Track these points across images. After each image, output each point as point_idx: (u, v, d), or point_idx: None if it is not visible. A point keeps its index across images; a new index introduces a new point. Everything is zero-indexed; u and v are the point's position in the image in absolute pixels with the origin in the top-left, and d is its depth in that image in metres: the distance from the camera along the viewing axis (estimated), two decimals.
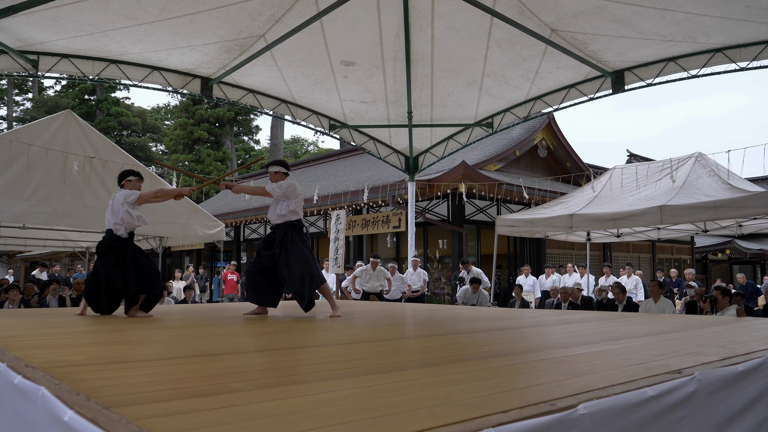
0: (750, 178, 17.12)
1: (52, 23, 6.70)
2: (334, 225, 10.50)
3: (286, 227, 4.63)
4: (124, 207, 4.55)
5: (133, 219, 4.57)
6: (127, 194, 4.58)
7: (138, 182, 4.76)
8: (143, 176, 4.95)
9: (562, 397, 1.45)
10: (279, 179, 4.74)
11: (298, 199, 4.72)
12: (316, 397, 1.50)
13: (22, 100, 40.80)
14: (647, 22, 6.78)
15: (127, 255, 4.52)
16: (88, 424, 1.17)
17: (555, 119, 17.29)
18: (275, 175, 4.78)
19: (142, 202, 4.63)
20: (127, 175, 4.76)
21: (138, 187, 4.74)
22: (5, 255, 23.85)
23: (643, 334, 3.20)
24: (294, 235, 4.61)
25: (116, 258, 4.51)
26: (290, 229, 4.63)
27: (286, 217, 4.63)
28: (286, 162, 4.99)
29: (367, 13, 7.37)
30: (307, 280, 4.50)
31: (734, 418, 1.95)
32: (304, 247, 4.60)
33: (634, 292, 10.73)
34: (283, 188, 4.63)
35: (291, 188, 4.64)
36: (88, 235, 10.85)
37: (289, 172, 4.88)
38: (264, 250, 4.73)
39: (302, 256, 4.54)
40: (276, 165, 4.86)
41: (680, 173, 8.73)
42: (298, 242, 4.59)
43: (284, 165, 4.90)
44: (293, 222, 4.66)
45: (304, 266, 4.51)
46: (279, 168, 4.82)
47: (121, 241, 4.56)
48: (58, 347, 2.51)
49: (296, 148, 47.46)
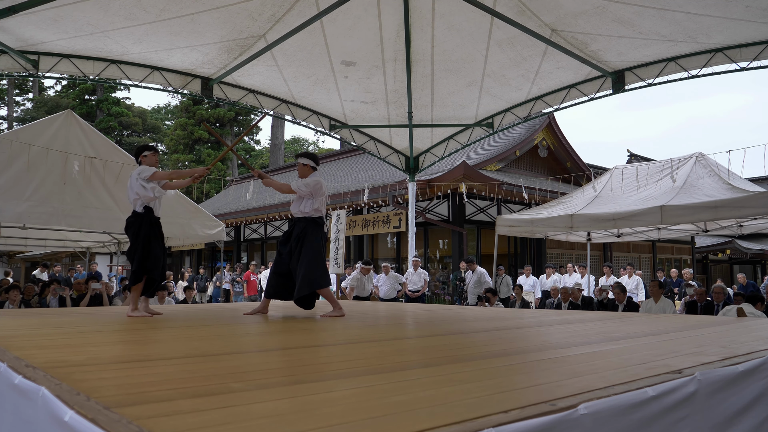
0: (750, 178, 17.11)
1: (53, 23, 6.70)
2: (335, 225, 10.50)
3: (305, 222, 4.61)
4: (138, 182, 4.57)
5: (147, 191, 4.57)
6: (141, 170, 4.58)
7: (153, 156, 4.77)
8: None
9: (562, 397, 1.45)
10: (307, 173, 4.71)
11: (323, 198, 4.67)
12: (317, 397, 1.50)
13: (23, 100, 40.82)
14: (647, 22, 6.78)
15: (141, 231, 4.56)
16: (89, 424, 1.17)
17: (555, 119, 17.29)
18: (303, 168, 4.74)
19: (156, 179, 4.59)
20: (142, 151, 4.77)
21: (154, 161, 4.76)
22: (5, 255, 23.85)
23: (644, 334, 3.20)
24: (311, 231, 4.58)
25: (132, 232, 4.58)
26: (310, 224, 4.60)
27: (308, 214, 4.61)
28: (316, 156, 4.88)
29: (368, 13, 7.36)
30: (316, 277, 4.48)
31: (735, 418, 1.95)
32: (318, 244, 4.56)
33: (635, 292, 10.74)
34: (309, 187, 4.59)
35: (317, 187, 4.60)
36: (89, 235, 10.85)
37: (318, 166, 4.81)
38: (282, 246, 4.70)
39: (314, 254, 4.51)
40: (305, 158, 4.79)
41: (681, 173, 8.73)
42: (314, 239, 4.56)
43: (314, 159, 4.81)
44: (315, 219, 4.63)
45: (313, 264, 4.48)
46: (308, 161, 4.76)
47: (137, 216, 4.61)
48: (59, 347, 2.51)
49: (297, 148, 47.44)
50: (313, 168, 4.76)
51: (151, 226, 4.63)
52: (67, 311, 5.78)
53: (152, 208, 4.69)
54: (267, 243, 19.90)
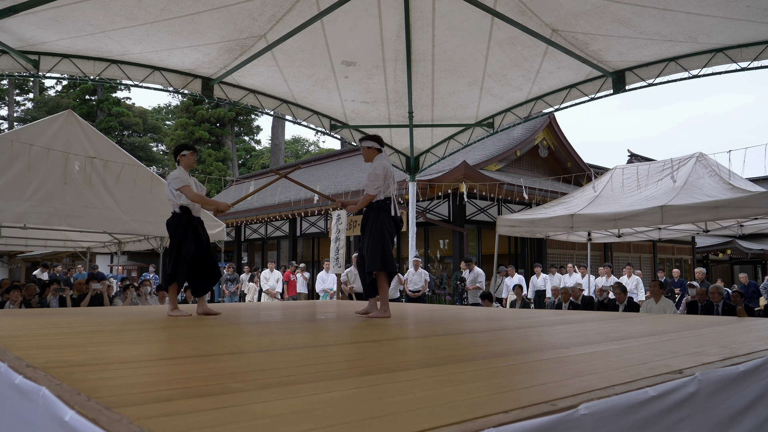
0: (751, 178, 17.10)
1: (53, 23, 6.71)
2: (335, 225, 10.50)
3: (372, 209, 4.52)
4: (169, 187, 4.61)
5: (175, 198, 4.60)
6: (175, 178, 4.59)
7: (192, 156, 4.78)
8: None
9: (563, 397, 1.45)
10: (372, 155, 4.59)
11: (389, 182, 4.53)
12: (317, 397, 1.49)
13: (23, 100, 40.85)
14: (648, 23, 6.77)
15: (177, 232, 4.57)
16: (89, 425, 1.17)
17: (556, 119, 17.29)
18: (368, 151, 4.61)
19: (183, 193, 4.57)
20: (180, 150, 4.76)
21: (192, 162, 4.78)
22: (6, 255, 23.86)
23: (644, 334, 3.20)
24: (375, 217, 4.47)
25: (170, 233, 4.62)
26: (376, 210, 4.49)
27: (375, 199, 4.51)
28: (379, 137, 4.70)
29: (368, 14, 7.36)
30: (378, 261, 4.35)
31: (735, 418, 1.95)
32: (382, 230, 4.41)
33: (635, 292, 10.73)
34: (374, 184, 4.44)
35: (378, 178, 4.44)
36: (89, 235, 10.86)
37: (383, 148, 4.66)
38: (360, 240, 4.64)
39: (377, 238, 4.39)
40: (368, 140, 4.62)
41: (681, 173, 8.72)
42: (378, 223, 4.43)
43: (378, 140, 4.65)
44: (378, 203, 4.50)
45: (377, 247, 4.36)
46: (372, 143, 4.60)
47: (175, 216, 4.63)
48: (59, 347, 2.51)
49: (297, 148, 47.47)
50: (378, 150, 4.59)
51: (186, 227, 4.62)
52: (67, 311, 5.78)
53: (189, 208, 4.68)
54: (267, 243, 19.90)
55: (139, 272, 20.03)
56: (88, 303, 7.86)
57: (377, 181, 4.45)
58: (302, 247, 18.78)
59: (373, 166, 4.53)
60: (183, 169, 4.70)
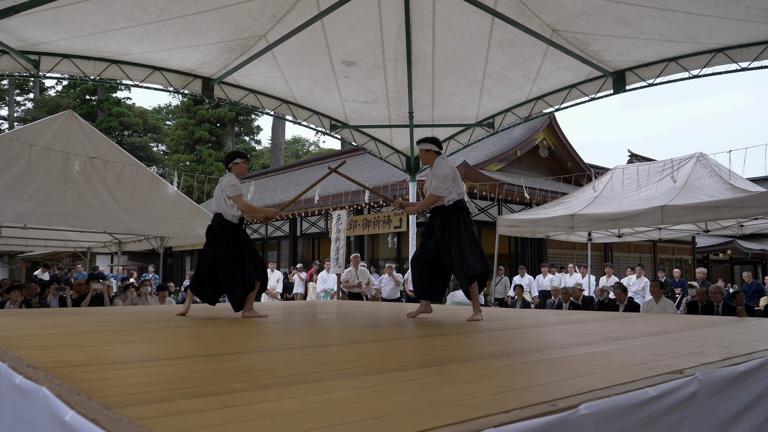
0: (751, 178, 17.10)
1: (54, 23, 6.71)
2: (335, 225, 10.50)
3: (446, 210, 4.31)
4: (223, 194, 4.49)
5: (229, 208, 4.49)
6: (229, 185, 4.48)
7: (244, 164, 4.67)
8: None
9: (563, 397, 1.45)
10: (431, 159, 4.46)
11: (457, 182, 4.38)
12: (318, 398, 1.50)
13: (24, 100, 40.88)
14: (648, 23, 6.77)
15: (240, 241, 4.46)
16: (90, 425, 1.17)
17: (556, 119, 17.30)
18: (426, 154, 4.47)
19: (235, 202, 4.47)
20: (233, 158, 4.65)
21: (244, 170, 4.68)
22: (6, 255, 23.87)
23: (645, 334, 3.20)
24: (454, 218, 4.28)
25: (227, 243, 4.44)
26: (452, 211, 4.31)
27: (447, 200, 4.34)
28: (437, 139, 4.54)
29: (368, 14, 7.36)
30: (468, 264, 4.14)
31: (736, 418, 1.95)
32: (466, 232, 4.24)
33: (641, 294, 10.64)
34: (444, 185, 4.29)
35: (448, 178, 4.31)
36: (90, 235, 10.86)
37: (441, 150, 4.50)
38: (425, 237, 4.43)
39: (471, 238, 4.21)
40: (427, 143, 4.47)
41: (681, 173, 8.73)
42: (459, 227, 4.24)
43: (436, 143, 4.48)
44: (455, 203, 4.33)
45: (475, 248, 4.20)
46: (430, 146, 4.45)
47: (233, 227, 4.50)
48: (60, 347, 2.51)
49: (297, 148, 47.47)
50: (437, 153, 4.45)
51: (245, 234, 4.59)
52: (67, 311, 5.78)
53: (243, 218, 4.64)
54: (268, 243, 19.90)
55: (140, 272, 20.03)
56: (88, 303, 7.86)
57: (446, 181, 4.31)
58: (302, 247, 18.78)
59: (438, 166, 4.39)
60: (235, 176, 4.60)
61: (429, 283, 4.45)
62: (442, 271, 4.43)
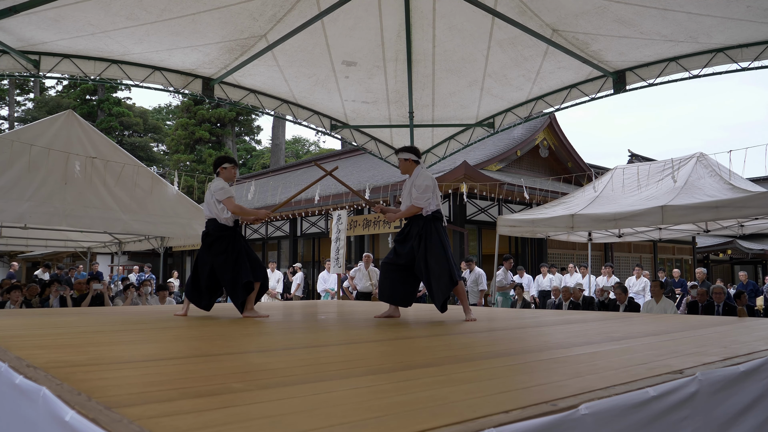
0: (751, 178, 17.10)
1: (54, 23, 6.71)
2: (336, 225, 10.50)
3: (425, 220, 4.38)
4: (213, 199, 4.52)
5: (221, 212, 4.51)
6: (218, 189, 4.51)
7: (233, 169, 4.70)
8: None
9: (563, 397, 1.45)
10: (410, 168, 4.51)
11: (436, 193, 4.46)
12: (318, 398, 1.50)
13: (24, 100, 40.87)
14: (648, 23, 6.77)
15: (237, 244, 4.49)
16: (90, 425, 1.17)
17: (556, 119, 17.29)
18: (405, 163, 4.52)
19: (225, 205, 4.50)
20: (221, 162, 4.69)
21: (233, 175, 4.70)
22: (7, 255, 23.87)
23: (645, 334, 3.20)
24: (433, 228, 4.36)
25: (225, 247, 4.46)
26: (430, 221, 4.38)
27: (426, 210, 4.40)
28: (417, 149, 4.63)
29: (369, 14, 7.36)
30: (444, 280, 4.28)
31: (736, 418, 1.95)
32: (443, 242, 4.35)
33: (642, 294, 10.64)
34: (424, 196, 4.36)
35: (429, 189, 4.37)
36: (90, 235, 10.86)
37: (420, 159, 4.57)
38: (399, 244, 4.49)
39: (441, 253, 4.30)
40: (406, 152, 4.53)
41: (682, 173, 8.72)
42: (438, 236, 4.34)
43: (415, 152, 4.55)
44: (433, 213, 4.41)
45: (442, 264, 4.28)
46: (409, 155, 4.51)
47: (228, 230, 4.53)
48: (60, 347, 2.51)
49: (298, 148, 47.47)
50: (416, 162, 4.51)
51: (241, 236, 4.61)
52: (68, 311, 5.79)
53: (237, 220, 4.66)
54: (268, 243, 19.91)
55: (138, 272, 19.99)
56: (88, 303, 7.86)
57: (427, 192, 4.37)
58: (302, 247, 18.79)
59: (418, 177, 4.45)
60: (224, 180, 4.63)
61: (395, 288, 4.54)
62: (412, 278, 4.52)
